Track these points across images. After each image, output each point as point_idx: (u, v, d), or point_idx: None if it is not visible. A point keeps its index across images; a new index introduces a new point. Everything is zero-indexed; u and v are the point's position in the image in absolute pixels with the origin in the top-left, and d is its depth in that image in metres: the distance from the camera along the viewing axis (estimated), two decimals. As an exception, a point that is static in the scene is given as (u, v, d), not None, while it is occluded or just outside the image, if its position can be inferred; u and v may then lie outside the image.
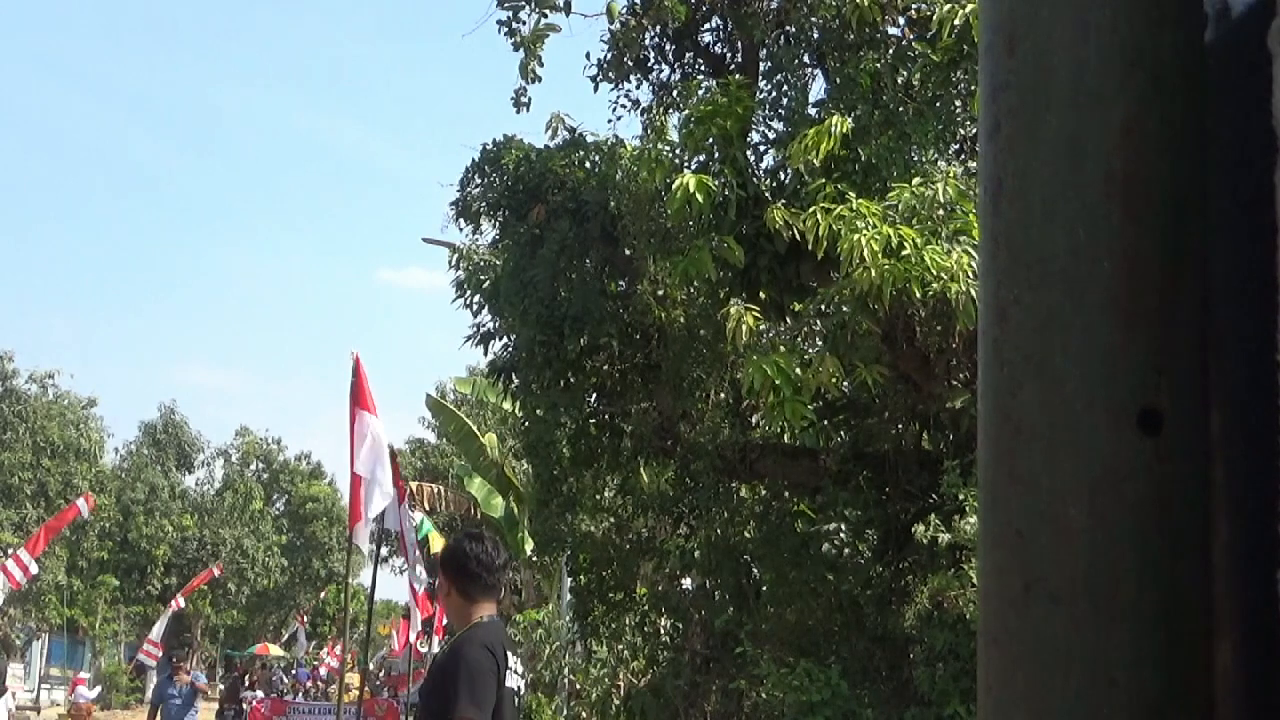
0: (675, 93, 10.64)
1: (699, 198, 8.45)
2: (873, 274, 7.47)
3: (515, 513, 20.99)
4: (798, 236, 8.19)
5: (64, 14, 76.44)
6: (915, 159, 8.71)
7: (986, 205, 0.78)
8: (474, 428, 21.33)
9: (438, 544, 17.08)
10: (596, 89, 11.23)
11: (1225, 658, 0.68)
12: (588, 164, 10.86)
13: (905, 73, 9.15)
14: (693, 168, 9.20)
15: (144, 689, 39.16)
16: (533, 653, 17.34)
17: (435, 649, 24.32)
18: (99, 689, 31.97)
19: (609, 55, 11.06)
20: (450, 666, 4.02)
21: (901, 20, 9.42)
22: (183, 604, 34.08)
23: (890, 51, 9.22)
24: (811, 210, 7.98)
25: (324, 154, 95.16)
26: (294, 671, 42.54)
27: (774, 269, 8.95)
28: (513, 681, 4.13)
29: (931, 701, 8.34)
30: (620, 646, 12.21)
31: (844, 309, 8.02)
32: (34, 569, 17.14)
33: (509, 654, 4.15)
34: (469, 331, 11.42)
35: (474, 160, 11.33)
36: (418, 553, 15.22)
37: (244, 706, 22.53)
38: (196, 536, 42.56)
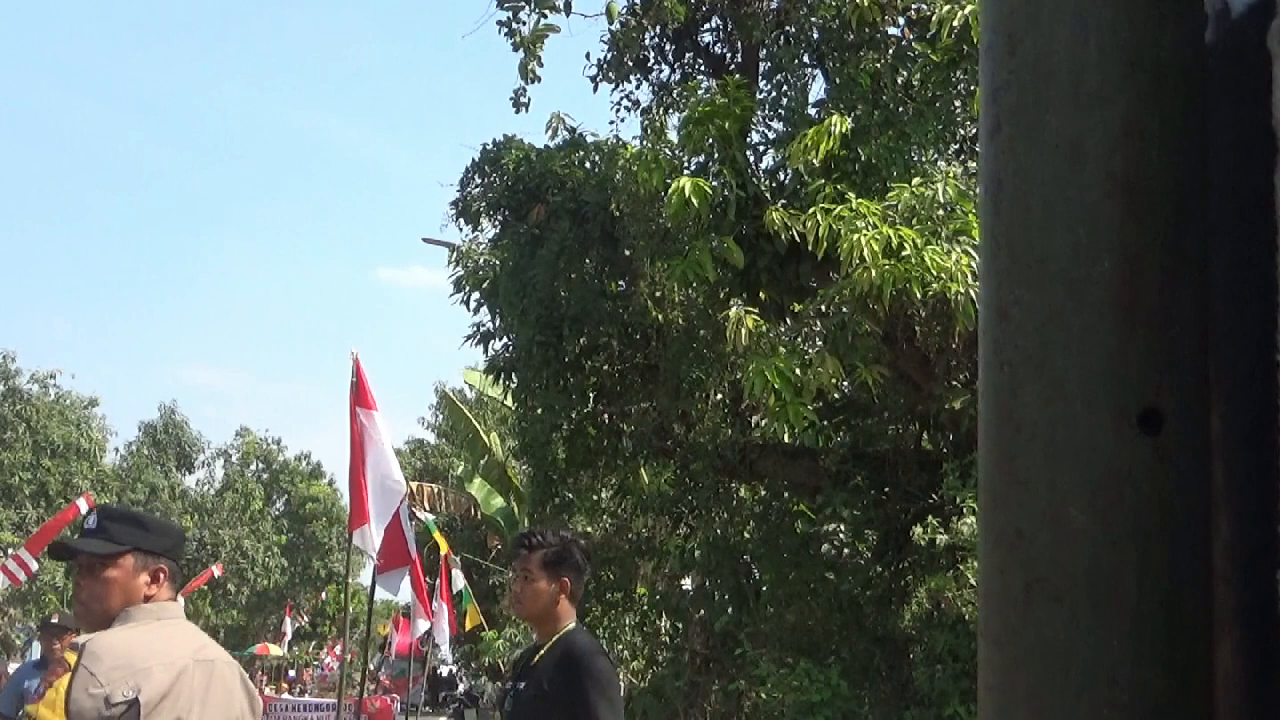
0: (675, 93, 10.65)
1: (695, 201, 8.46)
2: (873, 274, 7.48)
3: (515, 513, 21.01)
4: (797, 237, 8.20)
5: (64, 14, 76.45)
6: (915, 159, 8.72)
7: (986, 205, 0.78)
8: (479, 427, 21.37)
9: (442, 543, 17.09)
10: (596, 89, 11.25)
11: (1226, 658, 0.68)
12: (588, 164, 10.87)
13: (905, 73, 9.15)
14: (692, 168, 9.21)
15: (144, 689, 39.16)
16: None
17: (444, 653, 24.28)
18: None
19: (609, 55, 11.07)
20: (575, 679, 3.74)
21: (901, 20, 9.42)
22: (182, 604, 34.08)
23: (890, 51, 9.23)
24: (811, 211, 7.99)
25: (324, 154, 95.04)
26: (317, 668, 42.71)
27: (774, 269, 8.96)
28: None
29: (931, 702, 8.34)
30: (620, 647, 12.21)
31: (844, 309, 8.02)
32: (34, 566, 17.13)
33: None
34: (469, 331, 11.43)
35: (474, 160, 11.34)
36: (416, 554, 15.20)
37: None
38: (196, 537, 42.56)
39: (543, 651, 3.92)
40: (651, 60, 11.40)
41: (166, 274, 77.43)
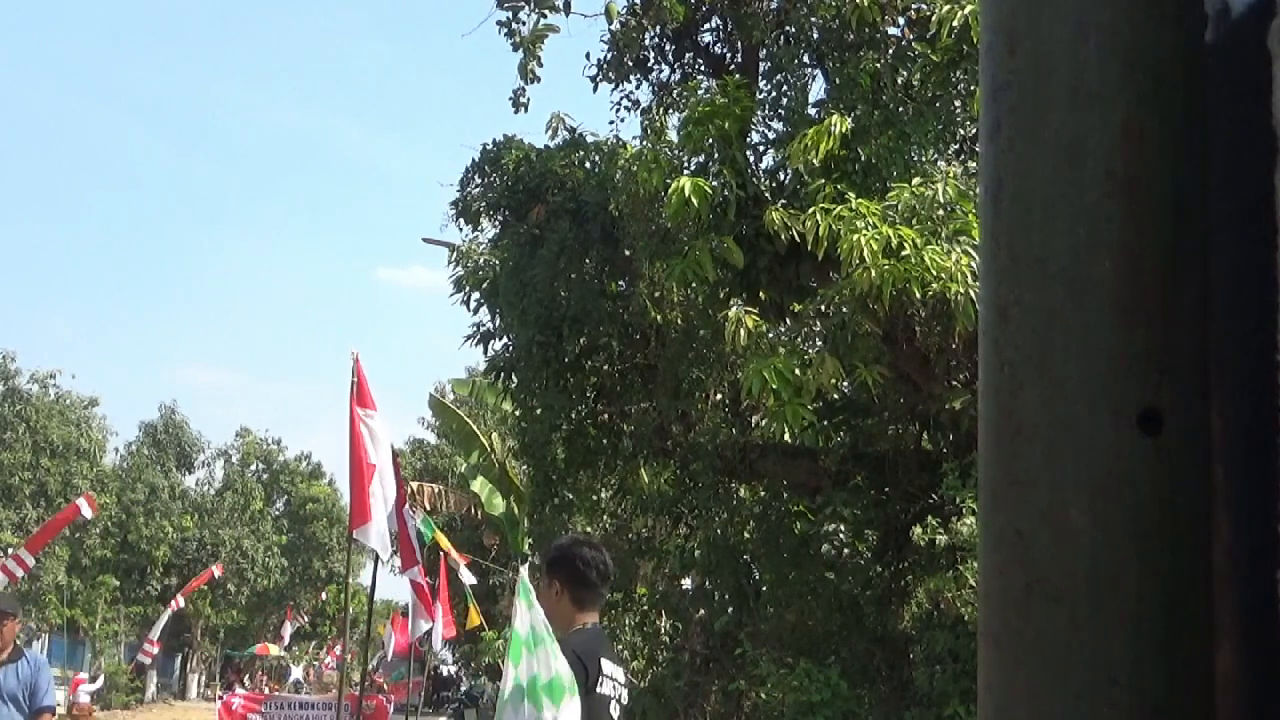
0: (675, 93, 10.65)
1: (695, 201, 8.46)
2: (873, 274, 7.47)
3: (515, 512, 20.99)
4: (797, 237, 8.20)
5: (64, 14, 76.48)
6: (915, 159, 8.72)
7: (986, 205, 0.78)
8: (475, 427, 21.34)
9: (445, 544, 17.07)
10: (596, 89, 11.25)
11: (1226, 658, 0.68)
12: (587, 164, 10.87)
13: (905, 73, 9.15)
14: (692, 168, 9.21)
15: (144, 689, 39.21)
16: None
17: (440, 653, 24.26)
18: (100, 680, 32.00)
19: (609, 55, 11.07)
20: None
21: (901, 20, 9.42)
22: (182, 604, 34.09)
23: (890, 51, 9.23)
24: (811, 211, 7.99)
25: (324, 154, 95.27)
26: (317, 667, 42.77)
27: (774, 269, 8.96)
28: (608, 688, 4.00)
29: (931, 702, 8.34)
30: (620, 647, 12.21)
31: (844, 309, 8.02)
32: (30, 561, 17.10)
33: (606, 660, 3.99)
34: (469, 331, 11.44)
35: (474, 160, 11.34)
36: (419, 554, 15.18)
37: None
38: (196, 537, 42.53)
39: None
40: (651, 60, 11.40)
41: (166, 274, 77.51)
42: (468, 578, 18.47)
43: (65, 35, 75.38)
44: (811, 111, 9.44)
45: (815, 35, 9.76)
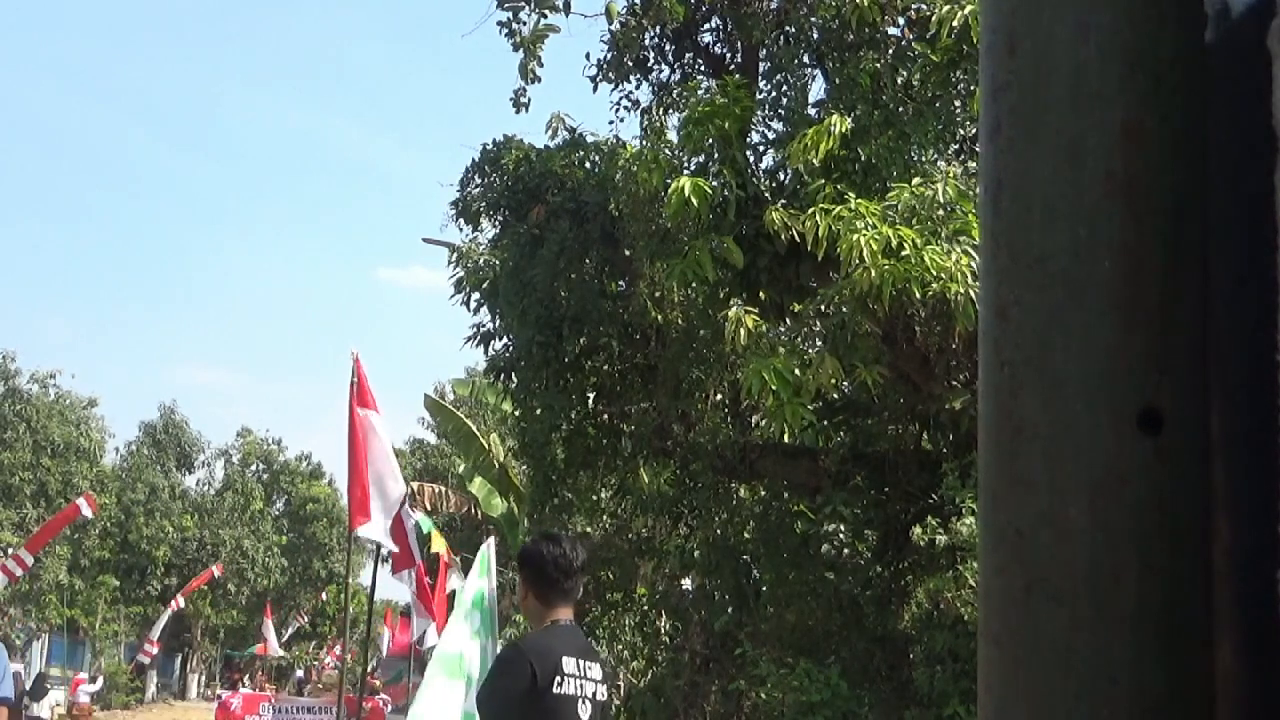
0: (675, 93, 10.65)
1: (695, 201, 8.46)
2: (872, 274, 7.47)
3: (515, 513, 20.98)
4: (797, 237, 8.20)
5: (64, 14, 76.45)
6: (915, 159, 8.72)
7: (986, 205, 0.78)
8: (473, 428, 21.34)
9: (439, 544, 17.06)
10: (596, 89, 11.24)
11: (1226, 658, 0.68)
12: (587, 164, 10.87)
13: (905, 73, 9.15)
14: (692, 168, 9.21)
15: (144, 689, 39.22)
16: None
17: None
18: (100, 681, 32.01)
19: (609, 55, 11.07)
20: None
21: (901, 20, 9.42)
22: (182, 604, 34.09)
23: (890, 51, 9.23)
24: (811, 211, 7.99)
25: (324, 154, 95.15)
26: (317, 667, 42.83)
27: (774, 269, 8.96)
28: (571, 687, 3.96)
29: (931, 702, 8.34)
30: (619, 647, 12.21)
31: (844, 309, 8.02)
32: (29, 560, 17.09)
33: (568, 659, 3.92)
34: (469, 331, 11.44)
35: (474, 160, 11.34)
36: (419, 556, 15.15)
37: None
38: (196, 537, 42.53)
39: None
40: (651, 60, 11.39)
41: (166, 274, 77.44)
42: (455, 581, 18.48)
43: (65, 35, 75.35)
44: (811, 111, 9.44)
45: (815, 35, 9.76)
